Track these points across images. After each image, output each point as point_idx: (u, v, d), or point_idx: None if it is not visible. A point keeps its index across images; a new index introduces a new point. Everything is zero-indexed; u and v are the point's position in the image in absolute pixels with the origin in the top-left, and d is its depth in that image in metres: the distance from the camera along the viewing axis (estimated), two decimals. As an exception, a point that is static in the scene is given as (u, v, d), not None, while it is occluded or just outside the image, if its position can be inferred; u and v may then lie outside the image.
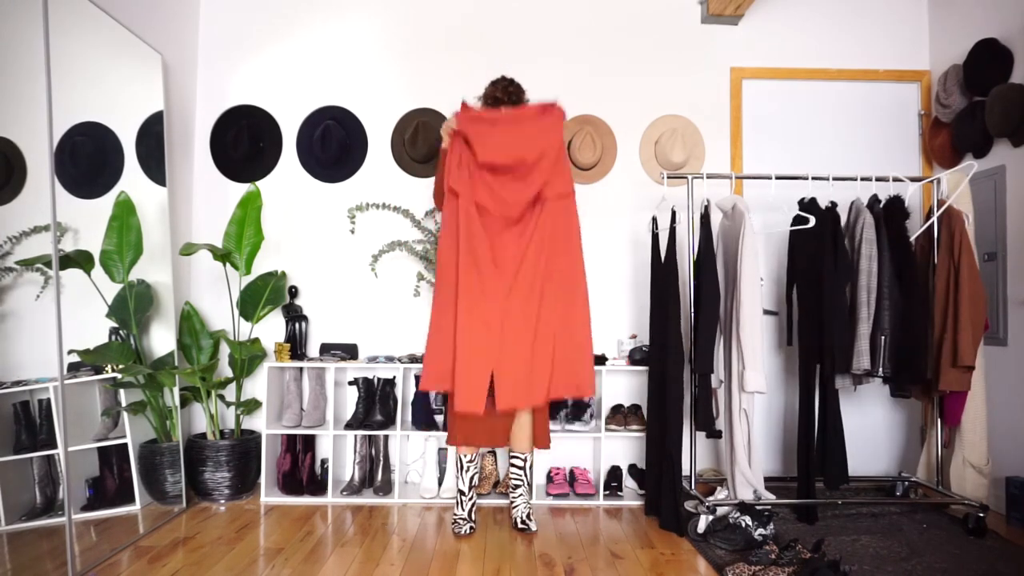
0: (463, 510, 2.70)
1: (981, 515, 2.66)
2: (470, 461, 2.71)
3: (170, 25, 3.26)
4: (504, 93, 2.67)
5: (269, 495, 3.12)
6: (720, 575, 2.26)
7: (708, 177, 3.00)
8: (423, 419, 3.20)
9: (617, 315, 3.50)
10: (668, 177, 3.09)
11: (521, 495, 2.75)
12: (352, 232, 3.47)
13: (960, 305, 2.77)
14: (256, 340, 3.22)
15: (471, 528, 2.67)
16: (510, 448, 2.75)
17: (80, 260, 2.47)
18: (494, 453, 3.30)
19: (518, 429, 2.71)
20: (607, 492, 3.14)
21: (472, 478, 2.71)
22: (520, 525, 2.70)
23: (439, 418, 3.26)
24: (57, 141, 2.25)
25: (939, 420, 3.03)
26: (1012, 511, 2.82)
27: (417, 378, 3.30)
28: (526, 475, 2.76)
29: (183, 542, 2.55)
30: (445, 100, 3.50)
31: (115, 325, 2.70)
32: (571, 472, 3.31)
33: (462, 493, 2.71)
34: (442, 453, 3.26)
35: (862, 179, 2.93)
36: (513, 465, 2.76)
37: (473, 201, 2.50)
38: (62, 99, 2.24)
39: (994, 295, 3.05)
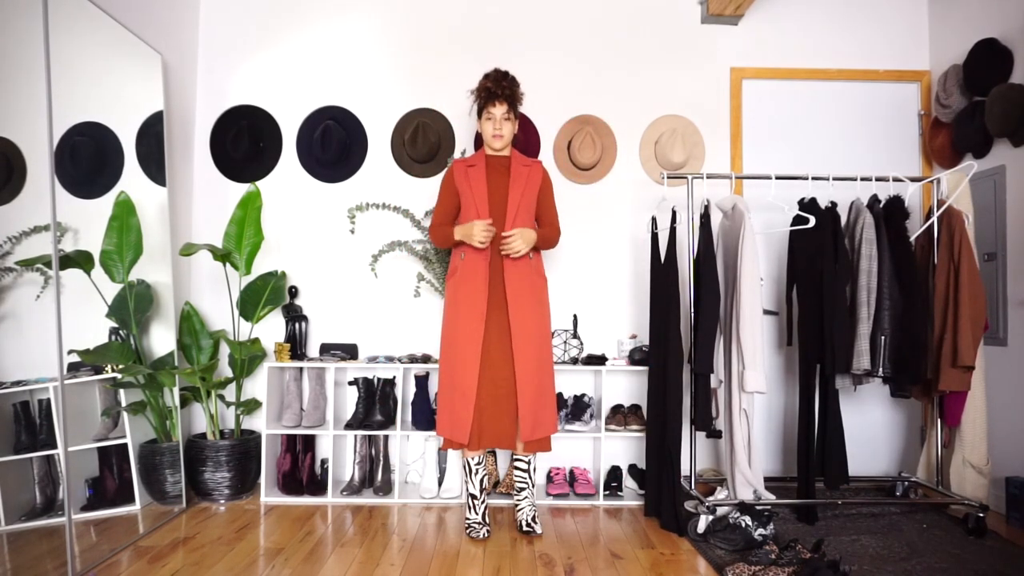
0: (476, 514, 2.68)
1: (981, 515, 2.66)
2: (478, 464, 2.69)
3: (170, 25, 3.26)
4: (497, 86, 2.62)
5: (269, 495, 3.12)
6: (720, 575, 2.26)
7: (708, 177, 3.00)
8: (423, 419, 3.20)
9: (617, 315, 3.50)
10: (668, 177, 3.09)
11: (526, 498, 2.73)
12: (352, 232, 3.47)
13: (960, 305, 2.77)
14: (256, 340, 3.22)
15: (488, 531, 2.65)
16: (513, 451, 2.74)
17: (80, 260, 2.47)
18: (494, 453, 3.30)
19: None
20: (607, 492, 3.14)
21: (482, 480, 2.70)
22: (525, 528, 2.68)
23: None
24: (57, 141, 2.25)
25: (939, 420, 3.03)
26: (1012, 511, 2.82)
27: (417, 378, 3.30)
28: (530, 477, 2.75)
29: (183, 542, 2.55)
30: (445, 100, 3.50)
31: (115, 325, 2.70)
32: (571, 472, 3.31)
33: (474, 497, 2.69)
34: (442, 453, 3.26)
35: (862, 179, 2.93)
36: (517, 468, 2.74)
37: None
38: (62, 99, 2.24)
39: (994, 295, 3.05)
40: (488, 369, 2.58)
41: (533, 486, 2.75)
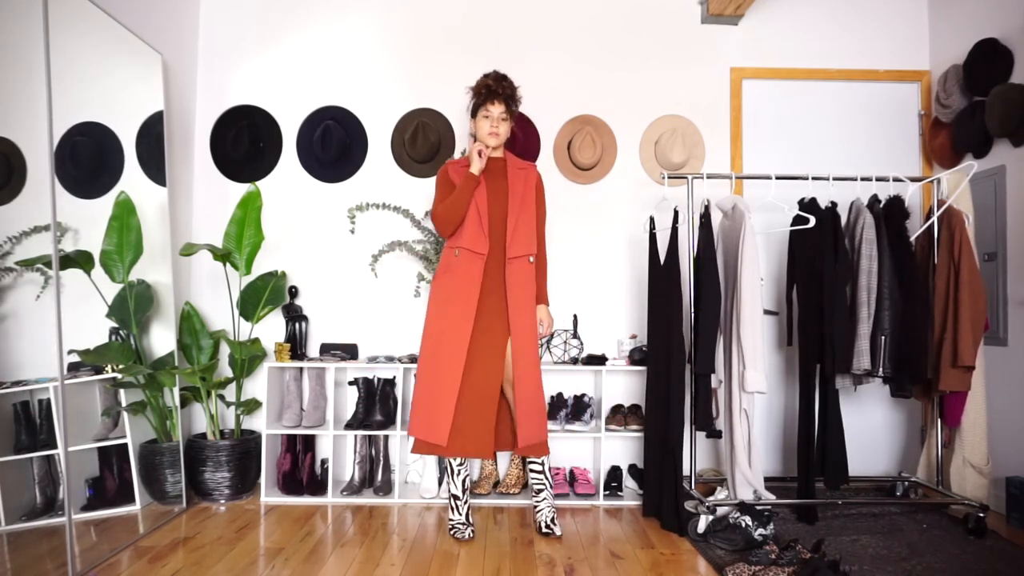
0: (459, 514, 2.67)
1: (981, 515, 2.66)
2: (460, 464, 2.69)
3: (170, 25, 3.26)
4: (497, 84, 2.62)
5: (269, 495, 3.12)
6: (720, 575, 2.26)
7: (708, 177, 3.00)
8: (423, 419, 3.19)
9: (617, 315, 3.50)
10: (668, 177, 3.09)
11: (544, 499, 2.71)
12: (352, 232, 3.47)
13: (960, 305, 2.77)
14: (256, 340, 3.22)
15: (472, 532, 2.65)
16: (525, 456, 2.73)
17: (80, 260, 2.47)
18: (493, 453, 3.30)
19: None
20: (607, 492, 3.14)
21: (464, 480, 2.70)
22: (544, 529, 2.66)
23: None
24: (57, 141, 2.25)
25: (939, 420, 3.03)
26: (1012, 511, 2.82)
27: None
28: (547, 479, 2.71)
29: (183, 542, 2.55)
30: (445, 100, 3.50)
31: (115, 325, 2.70)
32: (571, 472, 3.31)
33: (456, 497, 2.69)
34: (442, 453, 3.26)
35: (862, 179, 2.93)
36: (532, 471, 2.72)
37: None
38: (62, 99, 2.24)
39: (994, 295, 3.05)
40: (471, 374, 2.57)
41: (551, 487, 2.73)
